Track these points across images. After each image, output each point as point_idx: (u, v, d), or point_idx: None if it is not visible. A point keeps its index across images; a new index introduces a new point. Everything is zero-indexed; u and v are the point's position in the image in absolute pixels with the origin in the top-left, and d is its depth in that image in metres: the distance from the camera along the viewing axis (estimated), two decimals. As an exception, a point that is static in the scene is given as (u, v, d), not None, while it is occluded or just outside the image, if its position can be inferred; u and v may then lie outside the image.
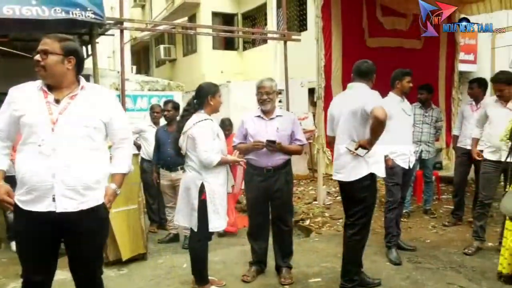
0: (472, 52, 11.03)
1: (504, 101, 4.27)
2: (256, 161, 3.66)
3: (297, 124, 3.83)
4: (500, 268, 3.03)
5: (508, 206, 2.81)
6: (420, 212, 5.97)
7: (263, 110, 3.70)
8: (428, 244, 4.71)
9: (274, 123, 3.68)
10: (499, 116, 4.20)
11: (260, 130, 3.66)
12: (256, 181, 3.68)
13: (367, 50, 5.99)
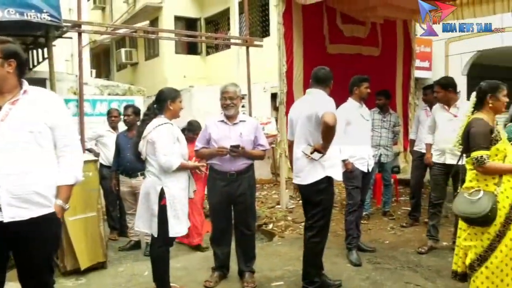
0: (427, 59, 11.50)
1: (447, 106, 4.49)
2: (219, 166, 3.66)
3: (260, 129, 3.87)
4: (455, 267, 3.16)
5: (460, 206, 2.93)
6: (380, 214, 6.15)
7: (226, 115, 3.71)
8: (387, 245, 4.85)
9: (237, 128, 3.70)
10: (443, 121, 4.48)
11: (223, 135, 3.67)
12: (219, 186, 3.67)
13: (327, 56, 6.12)
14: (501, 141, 2.92)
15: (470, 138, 2.91)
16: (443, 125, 4.47)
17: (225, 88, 3.68)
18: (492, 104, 2.99)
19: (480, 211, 2.75)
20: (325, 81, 3.54)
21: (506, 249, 2.78)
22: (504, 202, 2.80)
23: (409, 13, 6.74)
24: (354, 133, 4.24)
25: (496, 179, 2.85)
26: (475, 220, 2.82)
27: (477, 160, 2.82)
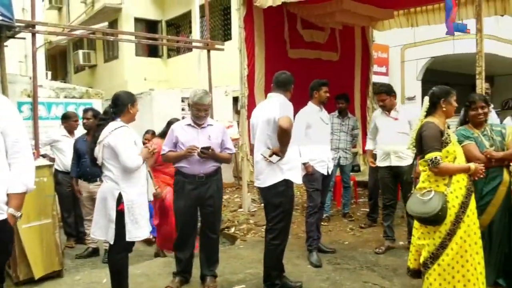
0: (384, 65, 11.94)
1: (387, 111, 4.70)
2: (188, 168, 3.64)
3: (226, 133, 3.91)
4: (408, 264, 3.30)
5: (412, 206, 3.05)
6: (339, 215, 6.28)
7: (196, 122, 3.72)
8: (347, 246, 4.96)
9: (205, 131, 3.72)
10: (386, 125, 4.67)
11: (192, 138, 3.66)
12: (188, 189, 3.65)
13: (288, 61, 6.21)
14: (451, 143, 3.06)
15: (423, 141, 3.04)
16: (386, 129, 4.66)
17: (201, 100, 3.61)
18: (445, 108, 3.13)
19: (431, 210, 2.87)
20: (285, 85, 3.60)
21: (457, 247, 2.90)
22: (454, 202, 2.93)
23: (366, 20, 6.98)
24: (314, 136, 4.33)
25: (446, 180, 2.98)
26: (427, 219, 2.93)
27: (432, 161, 2.94)
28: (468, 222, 2.94)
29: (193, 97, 3.64)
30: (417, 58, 12.11)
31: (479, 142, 3.34)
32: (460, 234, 2.91)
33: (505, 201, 3.27)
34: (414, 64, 12.23)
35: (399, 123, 4.64)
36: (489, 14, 6.01)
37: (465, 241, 2.92)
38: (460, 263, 2.91)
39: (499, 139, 3.37)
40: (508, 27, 12.24)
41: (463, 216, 2.94)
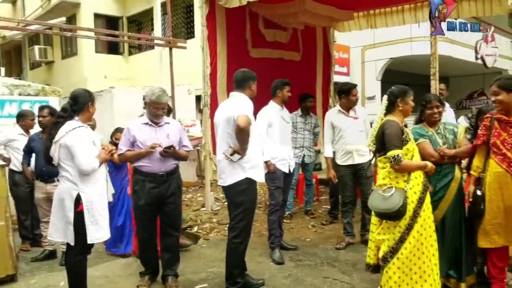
0: (345, 65, 12.21)
1: (346, 111, 4.78)
2: (149, 167, 3.60)
3: (183, 131, 3.93)
4: (368, 260, 3.39)
5: (374, 202, 3.15)
6: (302, 213, 6.37)
7: (154, 120, 3.68)
8: (308, 243, 5.04)
9: (163, 130, 3.70)
10: (346, 124, 4.73)
11: (150, 137, 3.62)
12: (148, 188, 3.61)
13: (250, 60, 6.23)
14: (410, 141, 3.20)
15: (385, 139, 3.14)
16: (349, 128, 4.72)
17: (159, 99, 3.60)
18: (401, 107, 3.26)
19: (393, 206, 2.99)
20: (243, 83, 3.61)
21: (414, 240, 3.04)
22: (413, 197, 3.07)
23: (328, 21, 7.11)
24: (276, 134, 4.38)
25: (405, 177, 3.11)
26: (389, 215, 3.05)
27: (394, 159, 3.06)
28: (424, 217, 3.08)
29: (151, 95, 3.60)
30: (376, 59, 12.47)
31: (433, 140, 3.48)
32: (417, 228, 3.05)
33: (457, 196, 3.41)
34: (373, 65, 12.58)
35: (359, 122, 4.77)
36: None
37: (421, 235, 3.06)
38: (417, 256, 3.04)
39: (452, 137, 3.52)
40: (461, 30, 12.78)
41: (420, 211, 3.07)
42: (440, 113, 3.52)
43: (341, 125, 4.77)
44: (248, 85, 3.61)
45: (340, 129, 4.77)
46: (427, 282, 3.05)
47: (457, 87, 18.09)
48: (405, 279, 3.04)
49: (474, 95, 16.50)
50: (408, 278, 3.04)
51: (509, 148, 3.10)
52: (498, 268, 3.32)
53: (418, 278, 3.04)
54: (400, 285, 3.05)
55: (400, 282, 3.04)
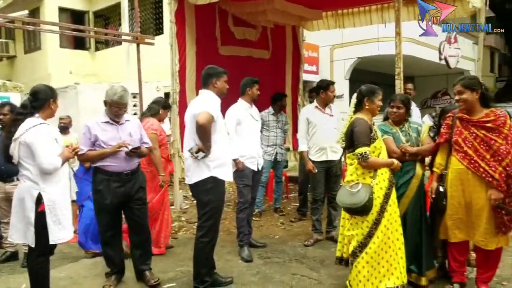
0: (314, 64, 12.33)
1: (322, 107, 4.85)
2: (113, 166, 3.54)
3: (142, 127, 3.92)
4: (338, 254, 3.48)
5: (342, 198, 3.23)
6: (271, 210, 6.41)
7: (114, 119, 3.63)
8: (277, 240, 5.08)
9: (125, 128, 3.66)
10: (322, 121, 4.79)
11: (112, 135, 3.57)
12: (113, 187, 3.55)
13: (220, 57, 6.20)
14: (378, 139, 3.28)
15: (354, 136, 3.22)
16: (324, 125, 4.78)
17: (121, 99, 3.55)
18: (368, 106, 3.34)
19: (359, 201, 3.08)
20: (206, 80, 3.58)
21: (382, 235, 3.13)
22: (379, 193, 3.16)
23: (297, 20, 7.16)
24: (244, 132, 4.38)
25: (371, 173, 3.21)
26: (356, 210, 3.14)
27: (362, 156, 3.14)
28: (390, 211, 3.19)
29: (112, 95, 3.53)
30: (345, 58, 12.66)
31: (397, 138, 3.58)
32: (384, 222, 3.14)
33: (417, 193, 3.52)
34: (342, 64, 12.77)
35: (334, 120, 4.84)
36: (409, 19, 6.43)
37: (388, 229, 3.15)
38: (384, 250, 3.14)
39: (415, 135, 3.63)
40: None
41: (386, 206, 3.17)
42: (400, 114, 3.60)
43: (316, 121, 4.81)
44: (211, 82, 3.56)
45: (316, 125, 4.81)
46: (394, 275, 3.15)
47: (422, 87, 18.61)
48: (373, 273, 3.13)
49: (438, 95, 17.05)
50: (376, 272, 3.13)
51: (470, 146, 3.21)
52: (458, 262, 3.45)
53: (386, 272, 3.14)
54: (368, 279, 3.13)
55: (369, 276, 3.13)
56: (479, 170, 3.14)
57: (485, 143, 3.15)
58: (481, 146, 3.17)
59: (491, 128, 3.15)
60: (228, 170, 3.60)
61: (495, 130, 3.14)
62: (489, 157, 3.13)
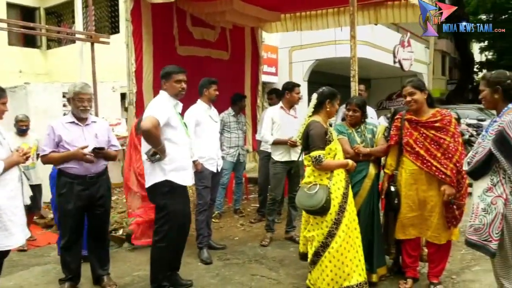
0: (273, 65, 12.45)
1: (287, 108, 4.93)
2: (77, 169, 3.46)
3: (110, 130, 3.85)
4: (302, 249, 3.58)
5: (301, 200, 3.30)
6: (231, 212, 6.42)
7: (77, 116, 3.54)
8: (237, 241, 5.10)
9: (91, 129, 3.59)
10: (286, 122, 4.87)
11: (77, 136, 3.49)
12: (77, 190, 3.47)
13: (177, 57, 6.13)
14: (333, 141, 3.37)
15: (310, 139, 3.31)
16: (289, 126, 4.83)
17: (83, 89, 3.50)
18: (329, 108, 3.45)
19: (318, 203, 3.17)
20: (161, 81, 3.54)
21: (343, 234, 3.22)
22: (336, 193, 3.26)
23: (255, 21, 7.20)
24: (203, 134, 4.36)
25: (328, 174, 3.30)
26: (315, 211, 3.22)
27: (316, 159, 3.23)
28: (349, 210, 3.29)
29: (73, 88, 3.50)
30: (303, 60, 12.86)
31: (352, 138, 3.70)
32: (345, 222, 3.24)
33: (370, 192, 3.65)
34: (301, 66, 12.97)
35: (298, 121, 4.87)
36: (364, 23, 6.64)
37: (348, 228, 3.25)
38: (347, 249, 3.23)
39: (370, 136, 3.76)
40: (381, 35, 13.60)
41: (345, 205, 3.27)
42: (356, 118, 3.72)
43: (281, 122, 4.88)
44: (163, 83, 3.50)
45: (280, 126, 4.88)
46: (356, 273, 3.25)
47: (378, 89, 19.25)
48: (338, 272, 3.21)
49: (393, 96, 17.68)
50: (340, 271, 3.21)
51: (421, 146, 3.36)
52: (412, 257, 3.60)
53: (349, 270, 3.23)
54: (333, 278, 3.21)
55: (333, 275, 3.21)
56: (432, 169, 3.29)
57: (435, 142, 3.32)
58: (431, 145, 3.32)
59: (439, 128, 3.32)
60: (186, 174, 3.51)
61: (442, 129, 3.32)
62: (440, 155, 3.29)
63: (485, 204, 2.70)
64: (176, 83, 3.46)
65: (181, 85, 3.47)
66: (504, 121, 2.66)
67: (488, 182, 2.72)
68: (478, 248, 2.76)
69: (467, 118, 10.85)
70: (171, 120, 3.37)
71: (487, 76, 2.91)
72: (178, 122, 3.47)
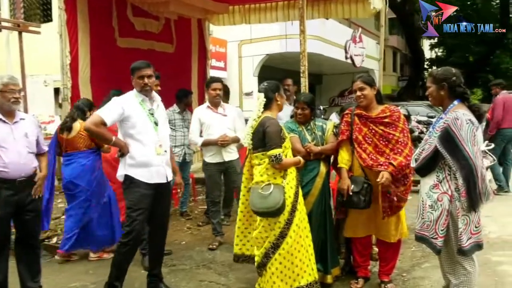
0: (222, 60, 12.46)
1: (213, 106, 4.95)
2: (5, 172, 3.30)
3: (39, 127, 3.77)
4: (237, 251, 3.64)
5: (254, 202, 3.28)
6: (177, 215, 6.35)
7: (6, 111, 3.38)
8: (184, 246, 5.06)
9: (20, 127, 3.44)
10: (215, 121, 4.88)
11: (5, 136, 3.34)
12: (5, 196, 3.32)
13: (118, 50, 5.99)
14: (286, 139, 3.43)
15: (267, 137, 3.30)
16: (218, 125, 4.87)
17: (12, 80, 3.40)
18: (279, 102, 3.48)
19: (274, 204, 3.16)
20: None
21: (294, 234, 3.26)
22: (290, 192, 3.29)
23: (202, 12, 7.16)
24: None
25: (282, 173, 3.32)
26: (271, 213, 3.20)
27: (276, 158, 3.23)
28: (300, 210, 3.34)
29: (1, 79, 3.36)
30: (253, 54, 12.96)
31: (302, 136, 3.78)
32: (296, 221, 3.28)
33: (322, 191, 3.74)
34: (250, 60, 13.07)
35: (228, 120, 4.94)
36: (313, 17, 6.78)
37: (299, 227, 3.30)
38: (297, 249, 3.28)
39: (320, 133, 3.85)
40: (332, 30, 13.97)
41: (297, 204, 3.32)
42: (305, 115, 3.81)
43: (208, 121, 4.88)
44: (132, 79, 3.54)
45: (208, 126, 4.89)
46: (306, 273, 3.31)
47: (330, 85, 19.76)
48: (287, 273, 3.25)
49: (345, 93, 18.16)
50: (290, 272, 3.26)
51: (370, 142, 3.49)
52: (363, 256, 3.74)
53: (299, 270, 3.28)
54: (282, 279, 3.24)
55: (283, 276, 3.25)
56: (379, 165, 3.42)
57: (384, 138, 3.46)
58: (380, 141, 3.47)
59: (388, 123, 3.48)
60: (148, 171, 3.49)
61: (392, 125, 3.47)
62: (388, 151, 3.44)
63: (432, 201, 2.86)
64: (139, 79, 3.48)
65: (143, 81, 3.48)
66: (449, 118, 2.83)
67: (434, 179, 2.89)
68: (425, 241, 2.92)
69: (417, 115, 11.34)
70: (132, 117, 3.41)
71: (433, 73, 3.08)
72: (143, 119, 3.47)
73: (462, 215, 2.80)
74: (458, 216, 2.80)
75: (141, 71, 3.47)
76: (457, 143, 2.76)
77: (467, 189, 2.75)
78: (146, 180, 3.47)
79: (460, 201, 2.79)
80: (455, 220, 2.83)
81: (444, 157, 2.82)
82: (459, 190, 2.79)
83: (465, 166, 2.74)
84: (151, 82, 3.51)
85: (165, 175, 3.58)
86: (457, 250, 2.85)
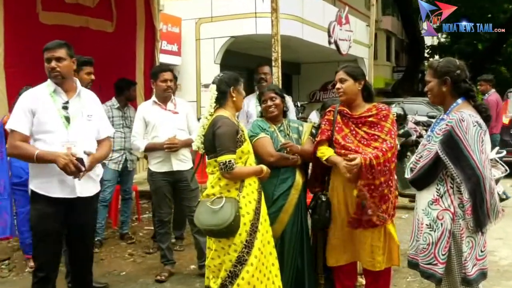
0: (175, 42, 12.35)
1: (162, 102, 4.84)
2: None
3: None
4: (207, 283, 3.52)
5: (202, 218, 3.23)
6: (116, 238, 6.27)
7: None
8: (124, 277, 5.00)
9: None
10: (163, 121, 4.77)
11: None
12: None
13: (41, 26, 5.84)
14: (246, 141, 3.39)
15: (217, 140, 3.26)
16: (166, 125, 4.75)
17: None
18: (235, 97, 3.45)
19: (223, 221, 3.11)
20: None
21: (256, 261, 3.22)
22: (248, 208, 3.26)
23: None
24: None
25: (237, 184, 3.29)
26: (219, 232, 3.17)
27: (225, 166, 3.19)
28: (262, 231, 3.32)
29: None
30: (214, 36, 12.89)
31: (275, 138, 3.78)
32: (257, 245, 3.25)
33: (297, 206, 3.73)
34: (211, 43, 12.98)
35: (179, 118, 4.84)
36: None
37: (262, 253, 3.27)
38: (260, 279, 3.25)
39: (296, 136, 3.87)
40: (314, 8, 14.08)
41: (258, 224, 3.29)
42: (278, 106, 3.83)
43: (155, 120, 4.77)
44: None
45: (154, 126, 4.77)
46: None
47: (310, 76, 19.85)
48: None
49: (329, 86, 18.26)
50: None
51: (351, 143, 3.52)
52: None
53: None
54: None
55: None
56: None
57: (366, 140, 3.51)
58: (361, 143, 3.50)
59: (373, 123, 3.53)
60: (49, 181, 3.39)
61: (377, 125, 3.53)
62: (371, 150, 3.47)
63: (430, 219, 2.92)
64: (46, 62, 3.42)
65: (50, 64, 3.40)
66: (453, 120, 2.89)
67: (433, 193, 2.95)
68: (421, 271, 2.97)
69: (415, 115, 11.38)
70: (37, 112, 3.37)
71: (433, 65, 3.14)
72: (51, 113, 3.40)
73: (466, 236, 2.87)
74: (462, 238, 2.87)
75: (47, 53, 3.41)
76: (462, 149, 2.82)
77: (473, 205, 2.81)
78: (45, 193, 3.40)
79: (465, 220, 2.85)
80: (458, 242, 2.89)
81: (447, 166, 2.87)
82: (464, 206, 2.85)
83: (471, 177, 2.80)
84: (62, 66, 3.40)
85: (73, 188, 3.42)
86: (461, 279, 2.91)
